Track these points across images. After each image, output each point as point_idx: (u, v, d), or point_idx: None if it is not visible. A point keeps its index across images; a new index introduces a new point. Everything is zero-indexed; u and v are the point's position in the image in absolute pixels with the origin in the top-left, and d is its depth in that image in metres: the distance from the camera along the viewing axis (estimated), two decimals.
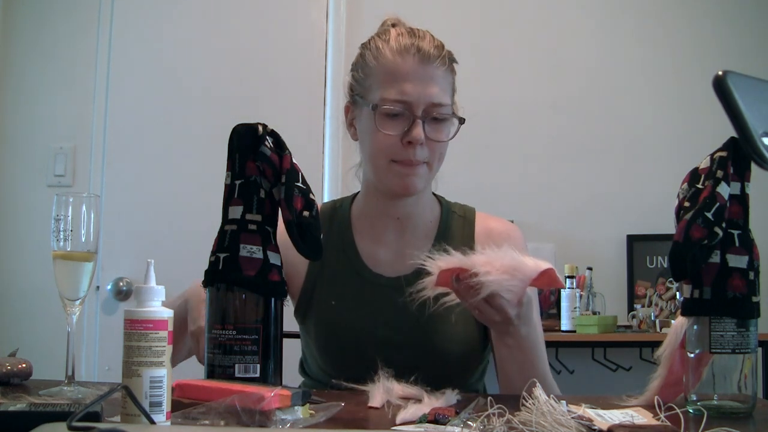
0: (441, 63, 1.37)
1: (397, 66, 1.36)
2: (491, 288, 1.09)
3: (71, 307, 1.22)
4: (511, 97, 3.12)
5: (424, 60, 1.36)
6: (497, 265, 1.10)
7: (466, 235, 1.48)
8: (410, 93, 1.34)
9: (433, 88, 1.35)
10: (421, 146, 1.35)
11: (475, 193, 1.81)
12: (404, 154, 1.35)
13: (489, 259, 1.11)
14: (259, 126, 1.11)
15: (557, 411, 0.88)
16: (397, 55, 1.36)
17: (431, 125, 1.36)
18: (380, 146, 1.37)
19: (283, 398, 0.89)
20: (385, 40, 1.40)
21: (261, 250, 1.08)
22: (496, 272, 1.09)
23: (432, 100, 1.35)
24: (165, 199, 2.96)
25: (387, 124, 1.35)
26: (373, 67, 1.39)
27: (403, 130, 1.34)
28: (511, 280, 1.10)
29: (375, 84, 1.38)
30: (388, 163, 1.37)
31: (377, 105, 1.35)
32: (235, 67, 3.03)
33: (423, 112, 1.35)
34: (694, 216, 1.03)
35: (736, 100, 0.75)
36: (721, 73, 0.76)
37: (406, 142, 1.34)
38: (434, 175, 1.44)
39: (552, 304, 2.95)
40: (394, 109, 1.34)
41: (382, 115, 1.35)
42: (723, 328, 1.04)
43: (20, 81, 3.03)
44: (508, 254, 1.11)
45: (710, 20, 3.14)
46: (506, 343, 1.26)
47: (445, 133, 1.39)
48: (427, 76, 1.35)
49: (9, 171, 3.01)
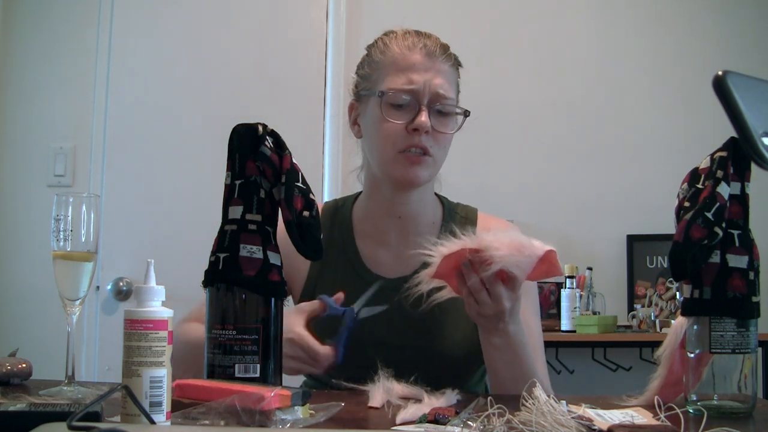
0: (446, 59, 1.41)
1: (405, 57, 1.39)
2: (502, 263, 1.12)
3: (71, 307, 1.22)
4: (512, 98, 3.12)
5: (430, 54, 1.39)
6: (506, 242, 1.13)
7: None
8: (417, 82, 1.37)
9: (439, 80, 1.38)
10: (426, 134, 1.37)
11: (475, 193, 1.81)
12: (409, 140, 1.37)
13: (496, 238, 1.14)
14: (259, 126, 1.11)
15: (557, 411, 0.88)
16: (405, 48, 1.40)
17: (436, 117, 1.38)
18: (386, 134, 1.38)
19: (283, 398, 0.89)
20: (392, 37, 1.44)
21: (261, 250, 1.08)
22: (505, 248, 1.12)
23: (438, 90, 1.37)
24: (165, 199, 2.96)
25: (393, 113, 1.38)
26: (379, 61, 1.42)
27: (409, 119, 1.37)
28: (518, 256, 1.13)
29: (382, 76, 1.41)
30: (395, 154, 1.38)
31: (384, 92, 1.38)
32: (235, 66, 3.03)
33: (429, 101, 1.37)
34: (694, 216, 1.03)
35: (736, 100, 0.75)
36: (721, 73, 0.76)
37: (412, 129, 1.36)
38: (438, 168, 1.45)
39: (552, 304, 2.95)
40: (401, 97, 1.37)
41: (388, 104, 1.38)
42: (723, 328, 1.04)
43: (20, 81, 3.03)
44: (514, 234, 1.16)
45: (710, 20, 3.14)
46: (493, 343, 1.25)
47: (450, 126, 1.41)
48: (434, 68, 1.39)
49: (9, 171, 3.01)
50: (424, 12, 3.02)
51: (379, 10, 3.05)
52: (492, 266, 1.12)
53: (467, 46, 1.92)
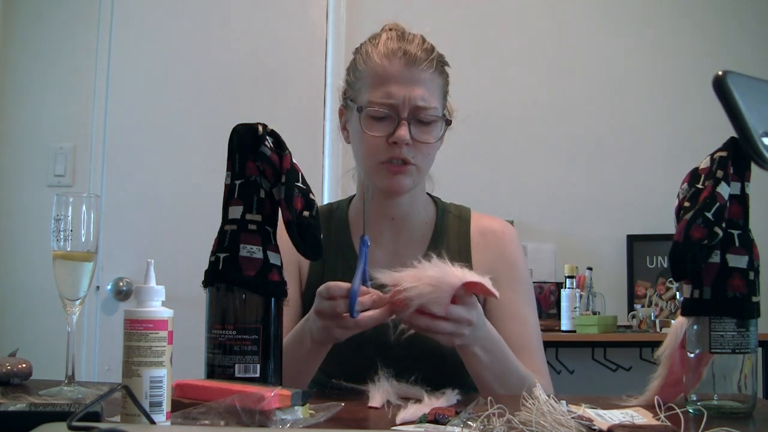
0: (428, 66, 1.38)
1: (384, 69, 1.37)
2: (418, 301, 1.09)
3: (71, 307, 1.22)
4: (512, 98, 3.12)
5: (410, 63, 1.37)
6: (424, 278, 1.09)
7: (462, 234, 1.49)
8: (395, 95, 1.35)
9: (419, 90, 1.36)
10: (407, 147, 1.36)
11: (475, 193, 1.81)
12: (390, 152, 1.36)
13: (416, 273, 1.10)
14: (259, 126, 1.11)
15: (557, 411, 0.88)
16: (384, 58, 1.38)
17: (418, 127, 1.37)
18: (368, 147, 1.38)
19: (283, 398, 0.89)
20: (374, 44, 1.42)
21: (261, 250, 1.08)
22: (422, 285, 1.09)
23: (417, 103, 1.36)
24: (165, 199, 2.96)
25: (373, 126, 1.37)
26: (362, 71, 1.41)
27: (389, 131, 1.36)
28: (434, 291, 1.09)
29: (363, 87, 1.40)
30: (377, 165, 1.38)
31: (363, 107, 1.38)
32: (235, 67, 3.03)
33: (409, 113, 1.36)
34: (694, 216, 1.03)
35: (736, 100, 0.75)
36: (721, 73, 0.76)
37: (392, 142, 1.36)
38: (424, 175, 1.45)
39: (552, 304, 2.95)
40: (380, 111, 1.36)
41: (368, 117, 1.37)
42: (723, 328, 1.04)
43: (20, 81, 3.03)
44: (436, 267, 1.11)
45: (711, 20, 3.14)
46: (468, 352, 1.24)
47: (434, 134, 1.40)
48: (413, 78, 1.36)
49: (9, 171, 3.01)
50: (424, 12, 3.01)
51: (379, 10, 3.05)
52: (409, 307, 1.10)
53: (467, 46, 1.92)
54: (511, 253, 1.49)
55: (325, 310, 1.15)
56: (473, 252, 1.48)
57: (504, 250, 1.48)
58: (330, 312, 1.15)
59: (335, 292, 1.14)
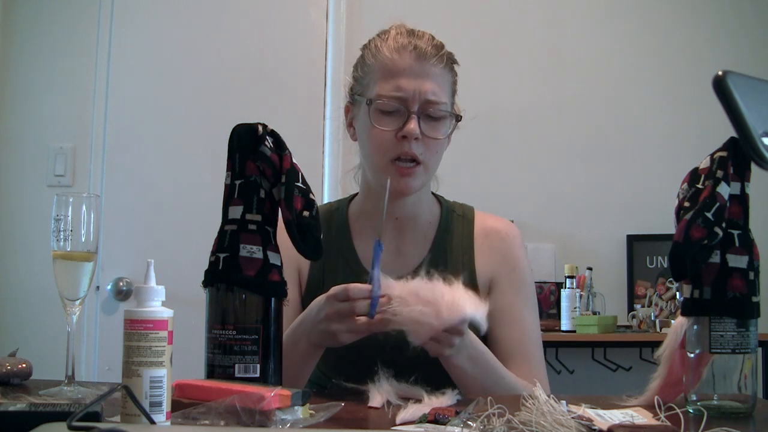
0: (438, 61, 1.38)
1: (394, 62, 1.36)
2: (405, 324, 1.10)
3: (71, 307, 1.22)
4: (512, 98, 3.12)
5: (420, 57, 1.36)
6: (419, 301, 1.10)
7: (465, 234, 1.48)
8: (405, 88, 1.34)
9: (429, 84, 1.35)
10: (416, 141, 1.35)
11: (475, 193, 1.81)
12: (399, 149, 1.35)
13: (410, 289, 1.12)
14: (259, 126, 1.11)
15: (557, 411, 0.88)
16: (394, 52, 1.37)
17: (427, 122, 1.36)
18: (377, 142, 1.37)
19: (283, 398, 0.89)
20: (383, 39, 1.41)
21: (261, 250, 1.08)
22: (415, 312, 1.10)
23: (427, 97, 1.35)
24: (165, 199, 2.96)
25: (383, 120, 1.36)
26: (371, 65, 1.40)
27: (399, 126, 1.35)
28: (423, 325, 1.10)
29: (372, 81, 1.39)
30: (386, 163, 1.37)
31: (372, 100, 1.36)
32: (235, 67, 3.03)
33: (418, 108, 1.35)
34: (694, 216, 1.03)
35: (736, 100, 0.75)
36: (721, 73, 0.76)
37: (401, 136, 1.35)
38: (431, 174, 1.44)
39: (552, 304, 2.96)
40: (390, 104, 1.35)
41: (377, 110, 1.36)
42: (723, 328, 1.04)
43: (20, 81, 3.03)
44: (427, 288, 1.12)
45: (711, 20, 3.14)
46: (452, 363, 1.23)
47: (442, 131, 1.39)
48: (423, 72, 1.36)
49: (9, 171, 3.01)
50: (424, 12, 3.01)
51: (379, 10, 3.05)
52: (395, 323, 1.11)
53: (467, 45, 1.92)
54: (513, 256, 1.48)
55: (343, 310, 1.15)
56: (476, 253, 1.47)
57: (507, 253, 1.47)
58: (348, 313, 1.14)
59: (356, 294, 1.14)
